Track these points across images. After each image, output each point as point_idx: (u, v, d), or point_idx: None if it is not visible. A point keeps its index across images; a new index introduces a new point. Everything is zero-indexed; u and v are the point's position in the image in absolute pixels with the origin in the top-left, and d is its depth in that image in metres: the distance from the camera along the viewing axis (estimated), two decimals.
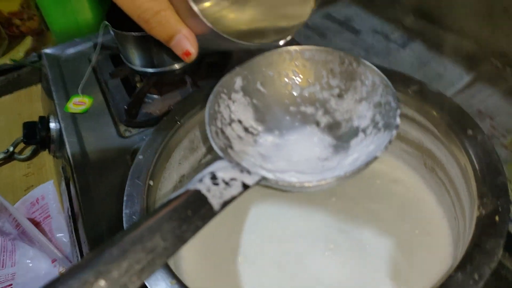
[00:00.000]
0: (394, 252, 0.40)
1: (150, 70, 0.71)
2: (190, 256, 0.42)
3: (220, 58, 0.77)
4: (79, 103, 0.74)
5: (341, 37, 1.00)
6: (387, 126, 0.35)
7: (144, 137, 0.67)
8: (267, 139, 0.40)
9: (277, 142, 0.40)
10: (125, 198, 0.37)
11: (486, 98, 0.82)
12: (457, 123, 0.38)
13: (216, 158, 0.35)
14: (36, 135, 0.74)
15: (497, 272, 0.46)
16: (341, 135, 0.39)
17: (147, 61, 0.71)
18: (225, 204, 0.30)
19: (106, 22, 0.67)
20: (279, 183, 0.34)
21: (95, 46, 0.82)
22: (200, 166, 0.48)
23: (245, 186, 0.32)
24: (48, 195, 0.74)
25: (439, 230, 0.41)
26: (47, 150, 0.77)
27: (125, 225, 0.36)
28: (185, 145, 0.45)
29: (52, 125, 0.74)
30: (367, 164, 0.33)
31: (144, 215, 0.29)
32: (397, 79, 0.42)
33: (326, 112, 0.41)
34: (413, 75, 0.90)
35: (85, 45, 0.88)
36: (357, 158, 0.36)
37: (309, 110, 0.41)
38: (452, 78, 0.87)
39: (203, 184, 0.30)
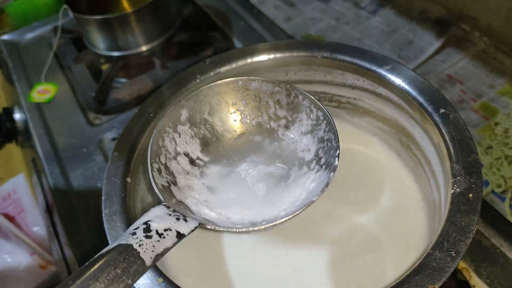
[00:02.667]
0: (374, 229, 0.41)
1: (116, 53, 0.69)
2: (177, 253, 0.42)
3: (189, 36, 0.74)
4: (43, 92, 0.71)
5: (310, 6, 0.99)
6: (328, 165, 0.36)
7: (116, 124, 0.65)
8: (214, 170, 0.40)
9: (224, 172, 0.40)
10: (103, 198, 0.36)
11: (456, 63, 0.83)
12: (430, 101, 0.38)
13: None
14: (1, 128, 0.71)
15: (478, 241, 0.48)
16: (286, 165, 0.40)
17: (112, 44, 0.68)
18: (157, 257, 0.29)
19: (66, 6, 0.63)
20: (217, 228, 0.34)
21: (55, 29, 0.78)
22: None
23: (180, 236, 0.32)
24: (20, 189, 0.72)
25: (416, 206, 0.42)
26: (14, 141, 0.75)
27: (105, 225, 0.35)
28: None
29: (17, 116, 0.71)
30: (304, 207, 0.34)
31: (77, 271, 0.27)
32: (370, 58, 0.42)
33: (273, 142, 0.41)
34: (383, 42, 0.90)
35: (45, 29, 0.84)
36: (298, 195, 0.37)
37: (257, 139, 0.42)
38: (422, 44, 0.87)
39: (135, 238, 0.29)
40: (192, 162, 0.40)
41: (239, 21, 0.77)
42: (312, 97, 0.39)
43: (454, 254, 0.31)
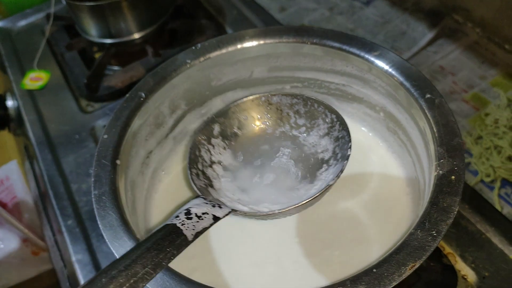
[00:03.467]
0: (360, 213, 0.42)
1: (108, 40, 0.69)
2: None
3: (182, 24, 0.74)
4: (35, 79, 0.71)
5: None
6: (342, 157, 0.41)
7: (108, 111, 0.66)
8: (245, 174, 0.45)
9: (254, 175, 0.45)
10: (92, 179, 0.37)
11: (448, 54, 0.83)
12: (416, 87, 0.39)
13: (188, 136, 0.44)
14: None
15: (458, 223, 0.49)
16: (308, 166, 0.44)
17: (104, 31, 0.68)
18: (197, 234, 0.34)
19: None
20: (247, 214, 0.39)
21: (48, 16, 0.78)
22: (167, 141, 0.48)
23: (216, 218, 0.36)
24: (12, 176, 0.72)
25: (402, 191, 0.43)
26: (6, 128, 0.75)
27: (94, 206, 0.35)
28: (151, 121, 0.44)
29: (10, 103, 0.71)
30: (322, 192, 0.38)
31: (132, 246, 0.33)
32: (359, 44, 0.43)
33: (296, 148, 0.46)
34: (377, 33, 0.90)
35: (37, 16, 0.83)
36: (319, 188, 0.41)
37: (281, 146, 0.46)
38: (415, 35, 0.88)
39: (178, 220, 0.35)
40: (225, 168, 0.45)
41: (232, 10, 0.77)
42: (326, 103, 0.44)
43: (435, 234, 0.31)
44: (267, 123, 0.47)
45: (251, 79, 0.49)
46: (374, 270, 0.30)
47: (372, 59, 0.41)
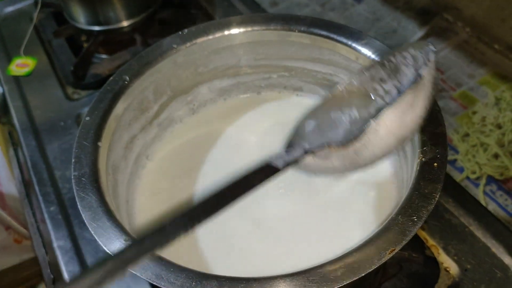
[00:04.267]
0: (344, 198, 0.42)
1: (96, 28, 0.68)
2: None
3: (172, 14, 0.74)
4: (22, 65, 0.70)
5: None
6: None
7: (94, 99, 0.65)
8: None
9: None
10: (73, 160, 0.36)
11: (438, 52, 0.84)
12: None
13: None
14: None
15: (442, 216, 0.49)
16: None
17: (93, 18, 0.67)
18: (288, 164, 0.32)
19: None
20: None
21: (36, 3, 0.76)
22: (151, 127, 0.47)
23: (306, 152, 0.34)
24: None
25: (387, 181, 0.43)
26: None
27: (74, 187, 0.35)
28: (135, 105, 0.44)
29: None
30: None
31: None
32: (347, 33, 0.43)
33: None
34: (368, 30, 0.91)
35: (26, 3, 0.82)
36: None
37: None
38: (405, 32, 0.88)
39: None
40: None
41: (222, 1, 0.77)
42: (396, 47, 0.37)
43: (415, 219, 0.31)
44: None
45: (238, 67, 0.49)
46: (354, 254, 0.30)
47: (359, 47, 0.41)
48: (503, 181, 0.64)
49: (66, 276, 0.50)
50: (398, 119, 0.31)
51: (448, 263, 0.47)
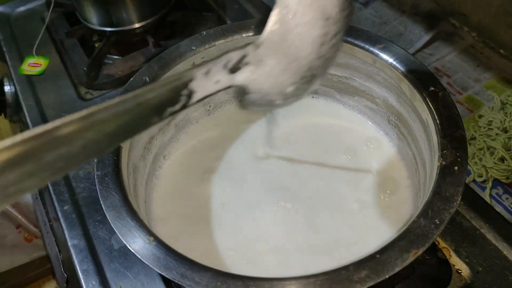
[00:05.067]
0: (360, 204, 0.43)
1: (109, 29, 0.68)
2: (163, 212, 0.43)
3: (183, 16, 0.74)
4: (34, 65, 0.71)
5: None
6: None
7: (107, 99, 0.65)
8: None
9: None
10: (96, 160, 0.37)
11: (444, 56, 0.85)
12: (420, 79, 0.39)
13: None
14: None
15: (453, 218, 0.50)
16: None
17: (105, 19, 0.68)
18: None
19: None
20: None
21: (48, 3, 0.77)
22: (169, 127, 0.48)
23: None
24: None
25: (402, 184, 0.44)
26: (2, 114, 0.74)
27: (97, 186, 0.35)
28: None
29: (7, 88, 0.70)
30: None
31: None
32: (365, 37, 0.43)
33: None
34: (374, 33, 0.91)
35: (37, 3, 0.82)
36: None
37: None
38: (412, 37, 0.89)
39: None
40: None
41: (233, 4, 0.77)
42: None
43: (438, 222, 0.32)
44: None
45: None
46: (378, 256, 0.30)
47: (377, 51, 0.42)
48: (509, 185, 0.65)
49: (80, 275, 0.50)
50: None
51: (460, 265, 0.47)
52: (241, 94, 0.30)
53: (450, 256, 0.48)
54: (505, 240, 0.48)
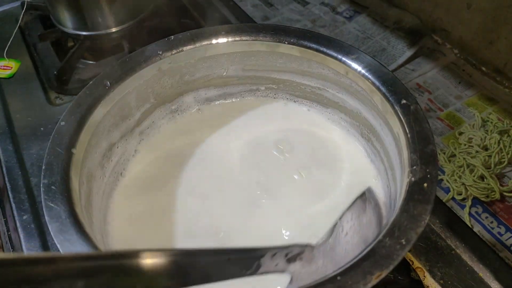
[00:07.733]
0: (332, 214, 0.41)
1: (83, 33, 0.66)
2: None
3: (162, 22, 0.73)
4: (4, 67, 0.68)
5: (288, 7, 0.99)
6: None
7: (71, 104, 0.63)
8: None
9: None
10: (43, 167, 0.34)
11: (426, 72, 0.84)
12: (392, 92, 0.38)
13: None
14: None
15: (428, 237, 0.48)
16: None
17: (80, 22, 0.66)
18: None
19: None
20: None
21: (23, 5, 0.75)
22: (133, 135, 0.45)
23: None
24: None
25: (379, 198, 0.42)
26: None
27: (42, 196, 0.33)
28: (116, 111, 0.42)
29: None
30: None
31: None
32: (337, 47, 0.42)
33: None
34: (357, 47, 0.91)
35: (12, 4, 0.80)
36: None
37: None
38: (394, 52, 0.88)
39: None
40: None
41: (214, 13, 0.76)
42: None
43: (404, 242, 0.30)
44: None
45: (226, 77, 0.48)
46: (339, 278, 0.28)
47: (350, 62, 0.41)
48: (488, 203, 0.63)
49: None
50: (356, 219, 0.37)
51: (434, 287, 0.45)
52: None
53: (424, 277, 0.46)
54: (481, 261, 0.47)
